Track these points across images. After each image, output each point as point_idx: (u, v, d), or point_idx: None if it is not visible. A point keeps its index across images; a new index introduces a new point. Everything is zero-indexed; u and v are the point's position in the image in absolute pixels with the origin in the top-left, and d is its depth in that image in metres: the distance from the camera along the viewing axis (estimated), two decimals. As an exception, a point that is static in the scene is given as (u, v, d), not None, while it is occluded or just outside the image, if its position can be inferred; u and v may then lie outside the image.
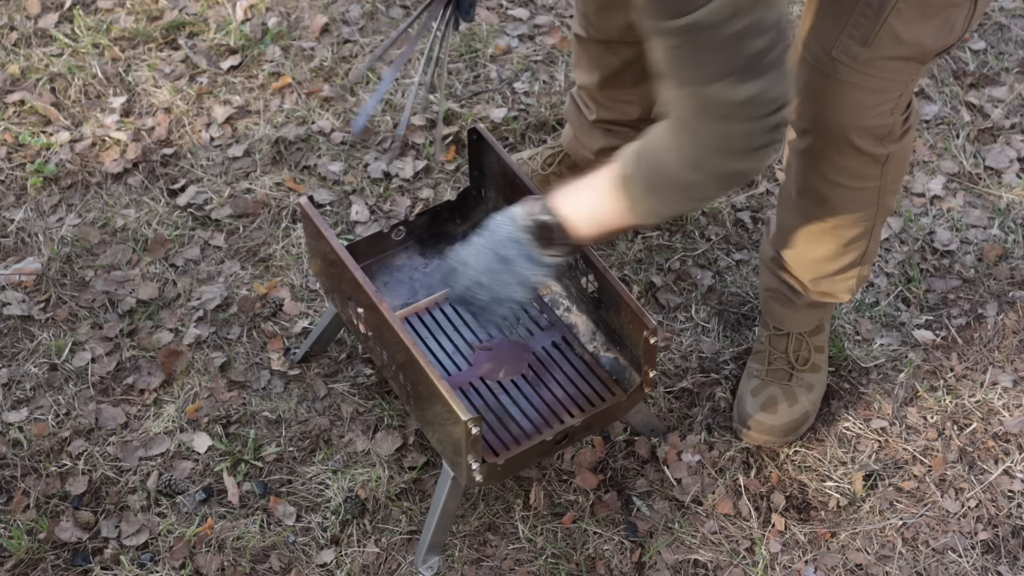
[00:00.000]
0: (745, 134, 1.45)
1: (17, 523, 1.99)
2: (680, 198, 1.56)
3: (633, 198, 1.56)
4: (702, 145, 1.47)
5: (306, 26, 2.80)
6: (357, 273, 1.83)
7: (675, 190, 1.54)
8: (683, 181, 1.52)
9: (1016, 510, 2.03)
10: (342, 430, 2.12)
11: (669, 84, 1.45)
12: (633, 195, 1.56)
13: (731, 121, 1.43)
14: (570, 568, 1.96)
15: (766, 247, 2.05)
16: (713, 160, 1.48)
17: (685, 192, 1.54)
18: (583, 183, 1.63)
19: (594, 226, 1.63)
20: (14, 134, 2.57)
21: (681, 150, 1.50)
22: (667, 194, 1.55)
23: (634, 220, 1.60)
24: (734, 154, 1.47)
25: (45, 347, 2.22)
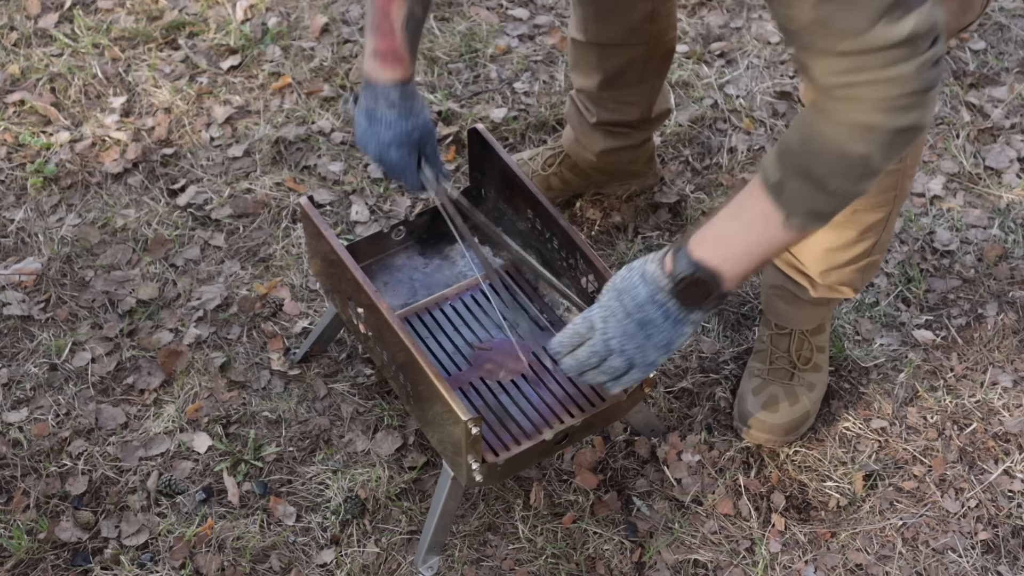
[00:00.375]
0: (911, 76, 1.35)
1: (17, 523, 1.99)
2: (846, 184, 1.43)
3: (790, 204, 1.45)
4: (865, 107, 1.37)
5: (306, 26, 2.80)
6: (357, 273, 1.83)
7: (839, 176, 1.42)
8: (848, 161, 1.40)
9: (1016, 510, 2.03)
10: (342, 430, 2.12)
11: (817, 50, 1.36)
12: (790, 200, 1.45)
13: (895, 65, 1.34)
14: (570, 568, 1.96)
15: None
16: (880, 121, 1.37)
17: (850, 174, 1.42)
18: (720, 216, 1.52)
19: (751, 261, 1.51)
20: (14, 134, 2.57)
21: (840, 124, 1.39)
22: (830, 183, 1.43)
23: (792, 234, 1.48)
24: (902, 106, 1.37)
25: (45, 347, 2.22)
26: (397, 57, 1.77)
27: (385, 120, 1.78)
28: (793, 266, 2.01)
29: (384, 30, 1.76)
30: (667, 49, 2.21)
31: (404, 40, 1.76)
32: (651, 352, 1.58)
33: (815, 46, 1.36)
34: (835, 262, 1.97)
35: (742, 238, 1.51)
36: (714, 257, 1.51)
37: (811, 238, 1.93)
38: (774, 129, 2.62)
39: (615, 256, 2.36)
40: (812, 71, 1.39)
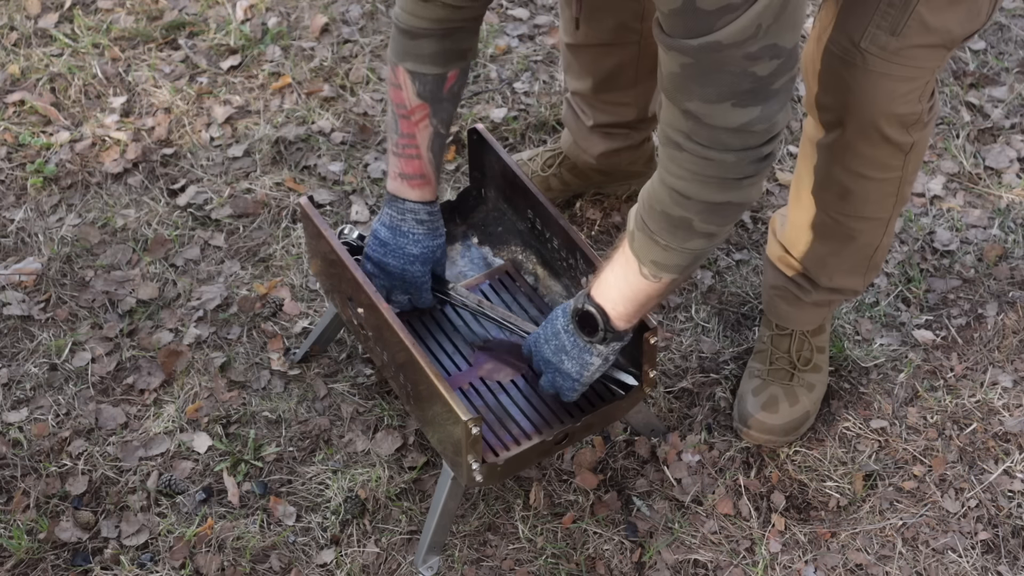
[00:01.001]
0: (730, 164, 1.47)
1: (17, 523, 1.99)
2: (674, 242, 1.57)
3: (639, 253, 1.60)
4: (682, 174, 1.49)
5: (306, 26, 2.80)
6: (357, 273, 1.84)
7: (667, 233, 1.56)
8: (671, 221, 1.54)
9: (1016, 510, 2.03)
10: (342, 430, 2.12)
11: (669, 101, 1.46)
12: (638, 250, 1.60)
13: (722, 150, 1.45)
14: (570, 568, 1.96)
15: (773, 245, 2.05)
16: (693, 191, 1.50)
17: (676, 233, 1.55)
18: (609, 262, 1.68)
19: (628, 304, 1.68)
20: (14, 134, 2.57)
21: (664, 186, 1.52)
22: (660, 239, 1.57)
23: (651, 282, 1.63)
24: (714, 184, 1.49)
25: (45, 347, 2.22)
26: (425, 179, 1.85)
27: (413, 236, 1.87)
28: (794, 268, 2.01)
29: (410, 153, 1.83)
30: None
31: (430, 161, 1.85)
32: (565, 378, 1.78)
33: (670, 92, 1.45)
34: (837, 266, 1.98)
35: (617, 284, 1.67)
36: (603, 300, 1.69)
37: (813, 245, 1.95)
38: (774, 129, 2.61)
39: (615, 256, 2.36)
40: (662, 112, 1.49)
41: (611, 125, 2.29)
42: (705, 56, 1.38)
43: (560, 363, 1.77)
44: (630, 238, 1.61)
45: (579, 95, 2.28)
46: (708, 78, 1.41)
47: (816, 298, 2.03)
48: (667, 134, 1.49)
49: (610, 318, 1.69)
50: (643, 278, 1.63)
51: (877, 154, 1.80)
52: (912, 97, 1.75)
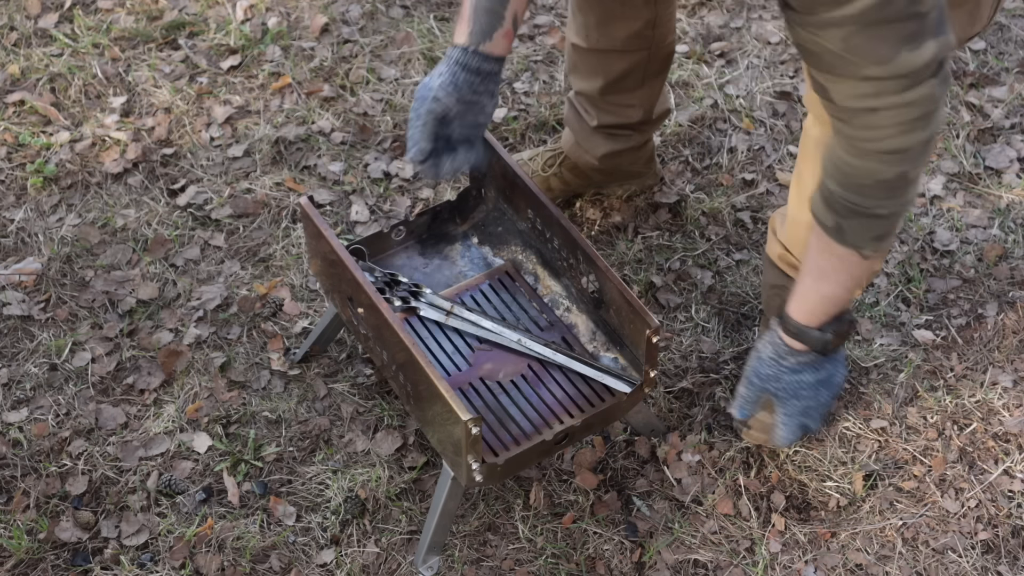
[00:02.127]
0: (926, 98, 1.40)
1: (17, 523, 1.99)
2: (894, 204, 1.49)
3: (856, 240, 1.52)
4: (887, 133, 1.42)
5: (306, 26, 2.80)
6: (357, 273, 1.83)
7: (886, 200, 1.48)
8: (888, 184, 1.46)
9: (1016, 510, 2.03)
10: (342, 430, 2.12)
11: (838, 73, 1.39)
12: (854, 238, 1.52)
13: (913, 88, 1.38)
14: (570, 568, 1.96)
15: (773, 244, 2.04)
16: (904, 142, 1.42)
17: (895, 194, 1.48)
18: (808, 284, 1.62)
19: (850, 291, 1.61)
20: (14, 134, 2.57)
21: (869, 155, 1.45)
22: (880, 210, 1.49)
23: (875, 261, 1.57)
24: (920, 124, 1.42)
25: (45, 347, 2.22)
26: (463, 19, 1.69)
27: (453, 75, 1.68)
28: (794, 266, 2.01)
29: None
30: (667, 52, 2.21)
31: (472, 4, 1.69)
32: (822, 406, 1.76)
33: (838, 70, 1.39)
34: None
35: (840, 290, 1.60)
36: (831, 315, 1.62)
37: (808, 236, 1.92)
38: (774, 129, 2.62)
39: (615, 256, 2.36)
40: (832, 93, 1.42)
41: (615, 126, 2.29)
42: (868, 16, 1.32)
43: (817, 396, 1.72)
44: (837, 232, 1.52)
45: (584, 95, 2.28)
46: (875, 38, 1.34)
47: None
48: (852, 107, 1.41)
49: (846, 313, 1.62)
50: (868, 262, 1.55)
51: None
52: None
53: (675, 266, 2.35)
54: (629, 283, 2.31)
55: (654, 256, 2.37)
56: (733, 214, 2.44)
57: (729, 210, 2.45)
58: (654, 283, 2.32)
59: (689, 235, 2.41)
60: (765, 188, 2.49)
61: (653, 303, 2.30)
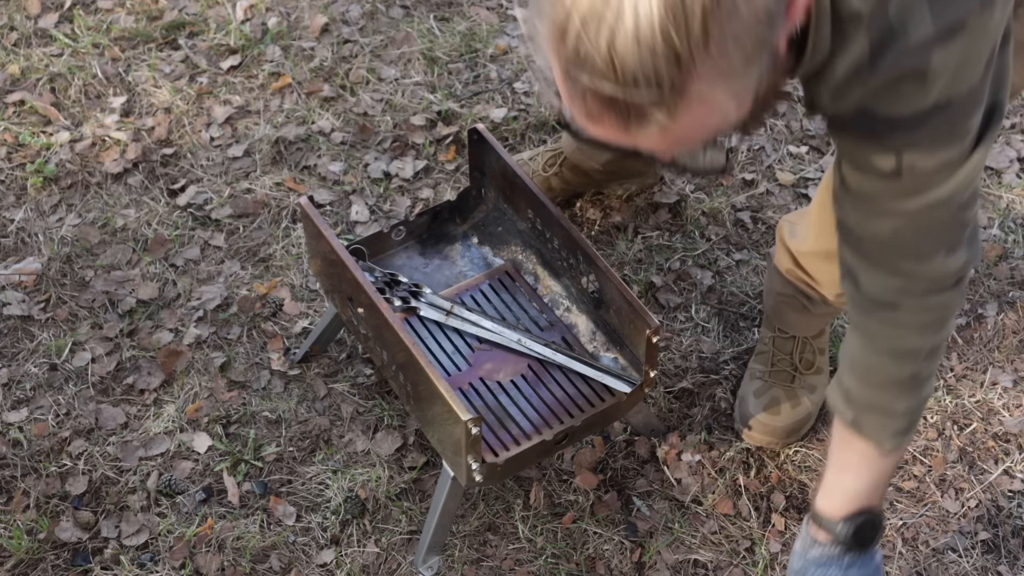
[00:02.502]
0: (948, 303, 1.42)
1: (17, 523, 1.99)
2: (910, 401, 1.50)
3: (875, 435, 1.52)
4: (905, 332, 1.44)
5: (306, 26, 2.80)
6: (357, 273, 1.83)
7: (901, 398, 1.49)
8: (902, 384, 1.48)
9: (1016, 510, 2.03)
10: (342, 430, 2.12)
11: (872, 265, 1.40)
12: (873, 432, 1.52)
13: (939, 293, 1.41)
14: (570, 568, 1.96)
15: (783, 257, 2.00)
16: (919, 344, 1.45)
17: (909, 392, 1.49)
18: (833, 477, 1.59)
19: (880, 488, 1.59)
20: (14, 134, 2.57)
21: (884, 354, 1.46)
22: (897, 407, 1.50)
23: (896, 455, 1.56)
24: (937, 328, 1.44)
25: (45, 347, 2.22)
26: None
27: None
28: (805, 282, 1.99)
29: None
30: None
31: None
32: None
33: (875, 257, 1.40)
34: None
35: (861, 484, 1.57)
36: (854, 508, 1.58)
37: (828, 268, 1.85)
38: (774, 129, 2.62)
39: (615, 256, 2.36)
40: (861, 280, 1.42)
41: None
42: (923, 215, 1.33)
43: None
44: (857, 426, 1.52)
45: None
46: (923, 235, 1.36)
47: (825, 310, 2.03)
48: (875, 298, 1.42)
49: (876, 509, 1.60)
50: (889, 456, 1.54)
51: None
52: None
53: (675, 266, 2.35)
54: (629, 283, 2.31)
55: (654, 256, 2.37)
56: (733, 214, 2.44)
57: (729, 210, 2.45)
58: (654, 283, 2.32)
59: (689, 235, 2.41)
60: (765, 188, 2.49)
61: (653, 303, 2.30)
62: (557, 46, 1.06)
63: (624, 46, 1.03)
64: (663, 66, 1.04)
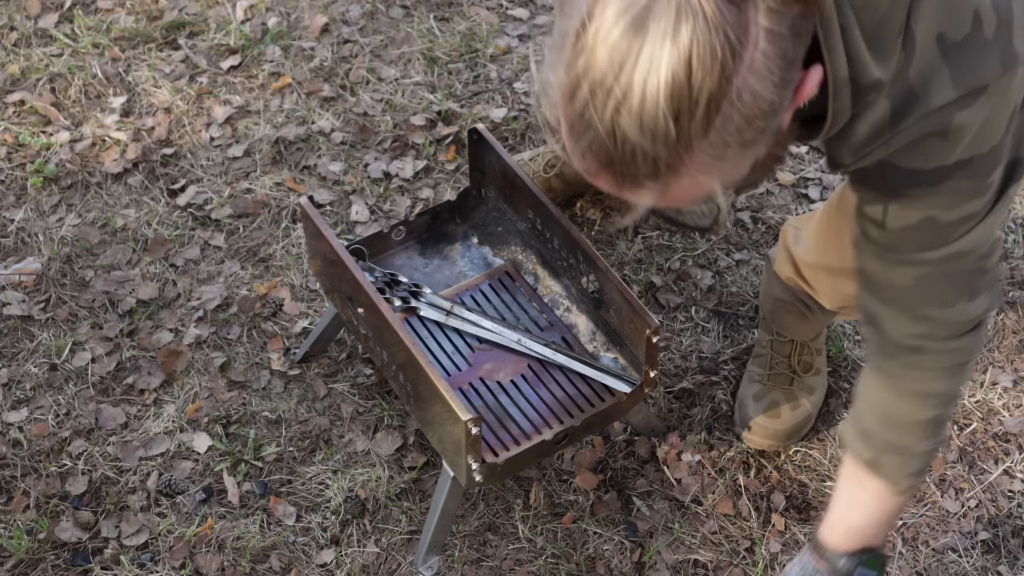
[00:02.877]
0: (970, 347, 1.44)
1: (17, 523, 1.99)
2: (931, 443, 1.52)
3: (892, 475, 1.53)
4: (929, 376, 1.46)
5: (306, 26, 2.80)
6: (357, 273, 1.83)
7: (923, 440, 1.50)
8: (924, 427, 1.49)
9: (1016, 510, 2.03)
10: (342, 430, 2.12)
11: (897, 311, 1.42)
12: (891, 473, 1.53)
13: (961, 337, 1.43)
14: (570, 568, 1.96)
15: (784, 264, 1.98)
16: (943, 387, 1.47)
17: (931, 435, 1.51)
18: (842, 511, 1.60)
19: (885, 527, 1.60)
20: (14, 134, 2.57)
21: (907, 396, 1.48)
22: (917, 448, 1.51)
23: (908, 495, 1.57)
24: (964, 366, 1.46)
25: (45, 347, 2.22)
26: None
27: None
28: (805, 292, 1.98)
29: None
30: None
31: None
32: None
33: (897, 304, 1.42)
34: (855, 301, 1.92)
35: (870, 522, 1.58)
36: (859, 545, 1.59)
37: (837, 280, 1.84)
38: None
39: (615, 256, 2.36)
40: (885, 325, 1.44)
41: None
42: (945, 265, 1.35)
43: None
44: (874, 465, 1.53)
45: None
46: (945, 284, 1.38)
47: (823, 316, 2.01)
48: (900, 343, 1.44)
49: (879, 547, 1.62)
50: (902, 496, 1.56)
51: None
52: None
53: (675, 266, 2.35)
54: (629, 283, 2.31)
55: (654, 256, 2.37)
56: (733, 214, 2.44)
57: (729, 210, 2.45)
58: (654, 283, 2.32)
59: (689, 235, 2.41)
60: (765, 188, 2.49)
61: (653, 303, 2.30)
62: (565, 104, 1.09)
63: (627, 123, 1.05)
64: (661, 149, 1.06)
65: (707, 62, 1.02)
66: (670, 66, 1.02)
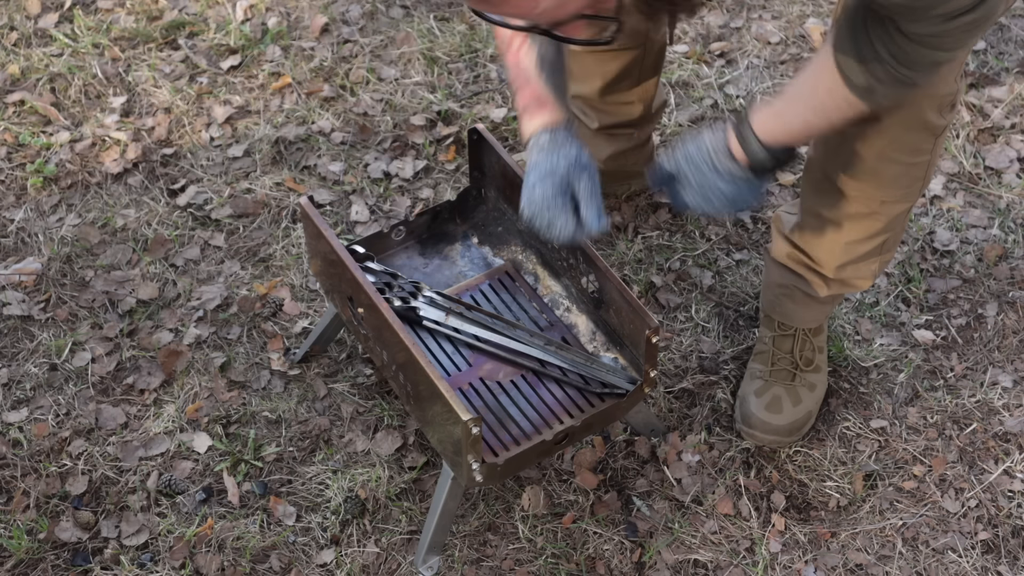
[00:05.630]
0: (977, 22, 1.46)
1: (17, 523, 1.99)
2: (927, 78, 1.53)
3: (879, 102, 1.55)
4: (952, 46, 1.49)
5: (306, 26, 2.80)
6: (357, 273, 1.84)
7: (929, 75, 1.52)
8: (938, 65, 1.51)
9: (1016, 510, 2.03)
10: (342, 430, 2.12)
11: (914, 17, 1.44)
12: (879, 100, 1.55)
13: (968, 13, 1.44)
14: (570, 568, 1.96)
15: (779, 244, 2.03)
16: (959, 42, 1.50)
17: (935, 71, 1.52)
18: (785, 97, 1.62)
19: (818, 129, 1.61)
20: (14, 134, 2.57)
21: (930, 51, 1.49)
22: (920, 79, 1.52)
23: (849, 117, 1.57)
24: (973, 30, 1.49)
25: (45, 347, 2.22)
26: (540, 102, 1.73)
27: (531, 162, 1.72)
28: (805, 264, 2.00)
29: (520, 82, 1.73)
30: (661, 45, 2.22)
31: (542, 83, 1.72)
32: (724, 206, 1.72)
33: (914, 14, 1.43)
34: (854, 255, 1.95)
35: (813, 126, 1.60)
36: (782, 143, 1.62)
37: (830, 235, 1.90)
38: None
39: (615, 256, 2.36)
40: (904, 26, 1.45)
41: (616, 126, 2.29)
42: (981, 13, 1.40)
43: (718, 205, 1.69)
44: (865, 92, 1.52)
45: (582, 99, 2.28)
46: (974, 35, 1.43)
47: (824, 294, 2.02)
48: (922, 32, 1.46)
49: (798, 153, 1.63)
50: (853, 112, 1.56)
51: (911, 138, 1.77)
52: (951, 77, 1.73)
53: (675, 266, 2.35)
54: (629, 283, 2.31)
55: (654, 256, 2.37)
56: (733, 214, 2.44)
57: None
58: (654, 283, 2.32)
59: (689, 235, 2.41)
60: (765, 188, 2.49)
61: (653, 303, 2.30)
62: None
63: None
64: None
65: None
66: None
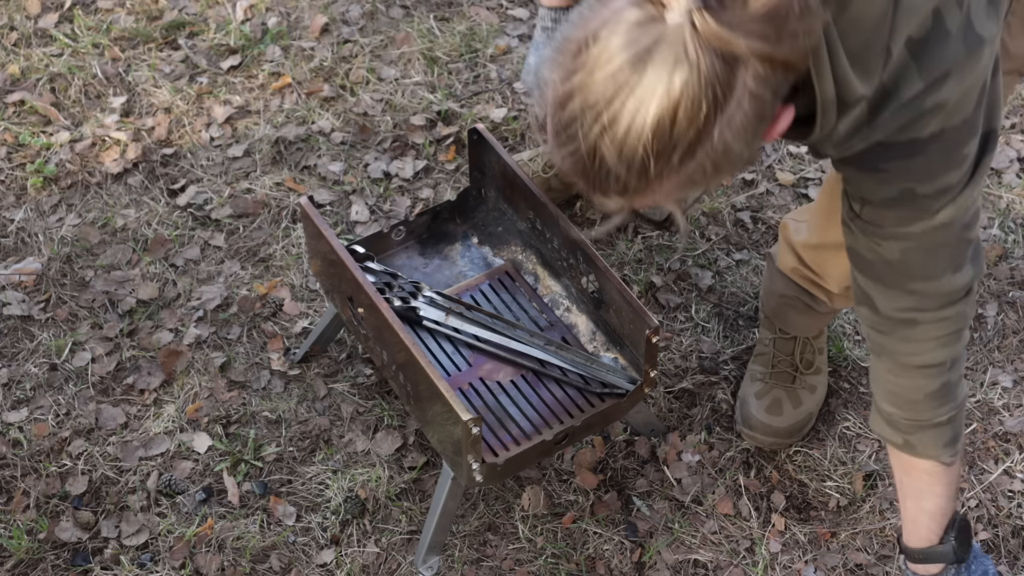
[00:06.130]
0: (961, 315, 1.48)
1: (17, 523, 1.99)
2: (949, 408, 1.55)
3: (929, 450, 1.57)
4: (926, 347, 1.49)
5: (306, 26, 2.80)
6: (357, 273, 1.84)
7: (939, 408, 1.54)
8: (937, 394, 1.53)
9: (1016, 510, 2.03)
10: (342, 430, 2.12)
11: (886, 287, 1.46)
12: (926, 449, 1.57)
13: (950, 306, 1.46)
14: (570, 568, 1.96)
15: (786, 256, 2.00)
16: (940, 356, 1.50)
17: (945, 399, 1.54)
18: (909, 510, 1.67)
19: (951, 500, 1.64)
20: (14, 134, 2.57)
21: (911, 371, 1.51)
22: (940, 416, 1.54)
23: (957, 461, 1.60)
24: (959, 333, 1.49)
25: (45, 347, 2.22)
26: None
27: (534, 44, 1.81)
28: (811, 280, 1.99)
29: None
30: None
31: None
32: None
33: (887, 280, 1.46)
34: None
35: (941, 500, 1.64)
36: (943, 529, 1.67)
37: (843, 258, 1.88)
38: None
39: (615, 256, 2.36)
40: (877, 302, 1.48)
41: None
42: (928, 237, 1.39)
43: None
44: (910, 448, 1.57)
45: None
46: (930, 257, 1.42)
47: (828, 308, 2.02)
48: (894, 318, 1.48)
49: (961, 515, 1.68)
50: (952, 466, 1.60)
51: None
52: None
53: (675, 266, 2.35)
54: (629, 283, 2.31)
55: (654, 256, 2.37)
56: (733, 214, 2.44)
57: (729, 210, 2.45)
58: (654, 283, 2.32)
59: (689, 235, 2.41)
60: (765, 188, 2.49)
61: (653, 303, 2.30)
62: (555, 110, 1.16)
63: (607, 148, 1.13)
64: (633, 178, 1.14)
65: (692, 113, 1.09)
66: (659, 109, 1.09)
